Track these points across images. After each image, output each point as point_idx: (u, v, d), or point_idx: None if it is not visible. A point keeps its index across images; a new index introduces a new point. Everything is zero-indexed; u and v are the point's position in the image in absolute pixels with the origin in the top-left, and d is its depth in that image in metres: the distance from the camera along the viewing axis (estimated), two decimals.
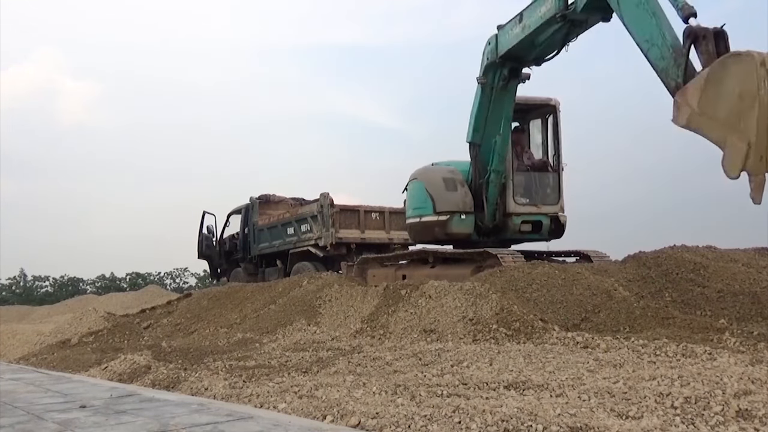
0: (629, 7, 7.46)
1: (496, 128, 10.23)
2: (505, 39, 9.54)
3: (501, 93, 10.05)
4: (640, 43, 7.37)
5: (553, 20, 8.54)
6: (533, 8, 8.94)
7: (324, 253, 15.26)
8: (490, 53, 9.86)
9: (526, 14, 9.06)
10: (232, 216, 19.27)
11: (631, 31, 7.48)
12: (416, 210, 10.91)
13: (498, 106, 10.16)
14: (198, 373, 5.94)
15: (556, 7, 8.43)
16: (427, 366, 5.48)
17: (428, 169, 11.17)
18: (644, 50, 7.30)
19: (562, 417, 3.44)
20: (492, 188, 10.34)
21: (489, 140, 10.31)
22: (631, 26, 7.49)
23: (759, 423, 3.31)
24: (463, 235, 10.49)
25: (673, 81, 6.86)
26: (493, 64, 9.85)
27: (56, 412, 4.38)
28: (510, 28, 9.42)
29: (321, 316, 8.99)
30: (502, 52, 9.58)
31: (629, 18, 7.47)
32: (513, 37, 9.34)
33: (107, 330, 11.06)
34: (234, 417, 3.95)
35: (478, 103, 10.25)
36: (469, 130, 10.48)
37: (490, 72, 9.99)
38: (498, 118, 10.20)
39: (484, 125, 10.30)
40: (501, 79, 9.91)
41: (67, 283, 48.76)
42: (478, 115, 10.30)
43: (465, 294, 7.70)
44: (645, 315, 6.98)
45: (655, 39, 7.19)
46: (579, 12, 8.24)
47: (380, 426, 3.57)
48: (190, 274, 49.57)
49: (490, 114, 10.22)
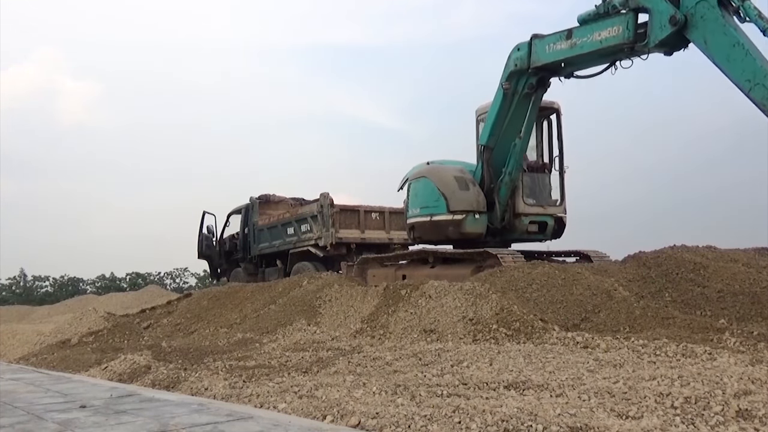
0: (722, 48, 7.25)
1: (513, 133, 10.13)
2: (544, 51, 9.22)
3: (524, 100, 9.86)
4: (739, 83, 7.19)
5: (617, 48, 8.32)
6: (590, 29, 8.60)
7: (324, 253, 15.26)
8: (519, 60, 9.55)
9: (579, 33, 8.73)
10: (232, 216, 19.27)
11: (727, 72, 7.27)
12: (425, 209, 10.77)
13: (519, 113, 10.00)
14: (198, 373, 5.94)
15: (624, 37, 8.16)
16: (427, 366, 5.49)
17: (437, 168, 11.04)
18: (745, 90, 7.12)
19: (562, 417, 3.44)
20: (504, 190, 10.31)
21: (504, 144, 10.20)
22: (726, 67, 7.27)
23: (759, 423, 3.31)
24: (476, 234, 10.44)
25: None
26: (521, 72, 9.59)
27: (56, 412, 4.38)
28: (552, 41, 9.10)
29: (321, 316, 8.99)
30: (538, 63, 9.31)
31: (722, 58, 7.27)
32: (556, 52, 9.05)
33: (107, 330, 11.06)
34: (234, 417, 3.95)
35: (498, 108, 10.02)
36: (485, 133, 10.34)
37: (515, 78, 9.73)
38: (517, 123, 10.07)
39: (501, 130, 10.14)
40: (527, 87, 9.69)
41: (67, 283, 48.72)
42: (496, 120, 10.09)
43: (465, 294, 7.70)
44: (645, 315, 6.98)
45: (758, 78, 7.02)
46: (650, 47, 8.04)
47: (380, 426, 3.57)
48: (190, 274, 49.54)
49: (509, 119, 10.05)
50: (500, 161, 10.37)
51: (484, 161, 10.43)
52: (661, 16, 7.84)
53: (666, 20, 7.77)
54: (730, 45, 7.25)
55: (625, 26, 8.19)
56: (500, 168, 10.37)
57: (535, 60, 9.36)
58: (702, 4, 7.50)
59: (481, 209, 10.37)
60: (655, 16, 7.93)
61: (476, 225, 10.35)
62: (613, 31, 8.31)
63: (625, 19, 8.22)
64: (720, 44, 7.36)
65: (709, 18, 7.46)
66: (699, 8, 7.53)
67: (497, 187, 10.34)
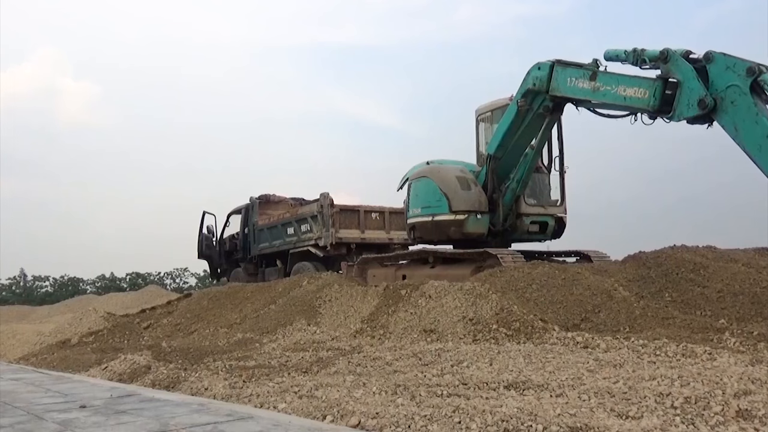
0: (754, 137, 6.96)
1: (523, 146, 10.07)
2: (565, 84, 8.96)
3: (537, 118, 9.68)
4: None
5: (640, 110, 8.12)
6: (615, 81, 8.31)
7: (324, 253, 15.25)
8: (538, 81, 9.26)
9: (604, 80, 8.44)
10: (232, 216, 19.26)
11: (758, 161, 7.03)
12: (427, 209, 10.75)
13: (531, 129, 9.87)
14: (198, 373, 5.94)
15: (649, 103, 7.89)
16: (427, 366, 5.48)
17: (438, 168, 11.02)
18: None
19: (562, 417, 3.44)
20: (510, 195, 10.31)
21: (512, 156, 10.15)
22: (757, 157, 6.99)
23: (759, 423, 3.31)
24: (478, 234, 10.43)
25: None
26: (538, 92, 9.35)
27: (56, 412, 4.38)
28: (575, 76, 8.82)
29: (321, 316, 8.99)
30: (557, 93, 9.07)
31: (754, 148, 7.01)
32: (578, 89, 8.81)
33: (107, 330, 11.07)
34: (234, 417, 3.95)
35: (510, 122, 9.86)
36: (493, 143, 10.26)
37: (531, 96, 9.48)
38: (528, 137, 9.98)
39: (510, 143, 10.03)
40: (542, 108, 9.49)
41: (67, 283, 48.72)
42: (507, 133, 9.95)
43: (465, 294, 7.69)
44: (645, 315, 6.98)
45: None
46: (673, 119, 7.77)
47: (380, 426, 3.57)
48: (190, 274, 49.55)
49: (519, 134, 9.91)
50: (506, 170, 10.35)
51: (488, 169, 10.37)
52: (690, 94, 7.52)
53: (695, 101, 7.45)
54: (763, 135, 6.92)
55: (652, 93, 7.90)
56: (505, 175, 10.35)
57: (555, 88, 9.09)
58: (733, 89, 7.15)
59: (483, 209, 10.36)
60: (684, 92, 7.61)
61: (478, 225, 10.35)
62: (639, 93, 8.03)
63: (654, 86, 7.92)
64: (752, 133, 7.03)
65: (741, 105, 7.11)
66: (730, 93, 7.18)
67: (503, 193, 10.33)
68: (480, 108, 11.10)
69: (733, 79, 7.14)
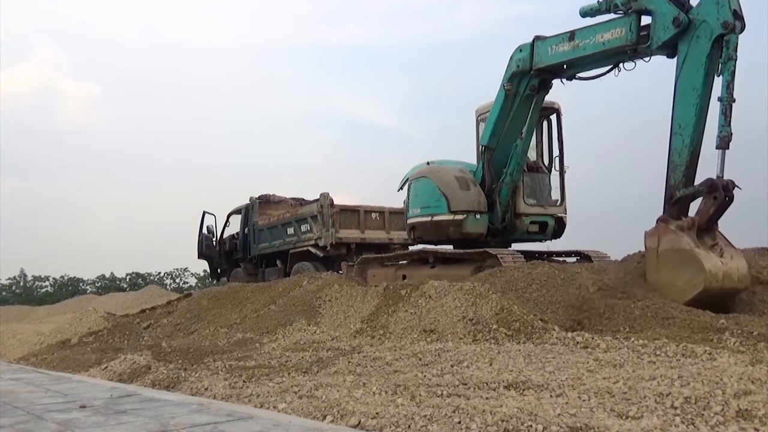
0: (688, 79, 7.31)
1: (514, 134, 10.14)
2: (546, 53, 9.20)
3: (525, 101, 9.86)
4: (673, 120, 7.32)
5: (619, 49, 8.29)
6: (592, 31, 8.57)
7: (324, 253, 15.27)
8: (521, 62, 9.53)
9: (582, 35, 8.70)
10: (232, 216, 19.28)
11: (674, 101, 7.33)
12: (426, 209, 10.78)
13: (520, 114, 10.00)
14: (198, 373, 5.94)
15: (627, 38, 8.12)
16: (427, 366, 5.48)
17: (437, 168, 11.04)
18: (671, 132, 7.20)
19: (562, 417, 3.44)
20: (505, 190, 10.33)
21: (505, 145, 10.21)
22: (677, 97, 7.34)
23: (759, 423, 3.31)
24: (477, 234, 10.45)
25: (672, 183, 7.28)
26: (523, 73, 9.58)
27: (56, 412, 4.38)
28: (554, 43, 9.09)
29: (321, 316, 8.99)
30: (540, 65, 9.29)
31: (682, 87, 7.35)
32: (558, 53, 9.04)
33: (107, 330, 11.06)
34: (234, 417, 3.95)
35: (499, 109, 10.03)
36: (486, 134, 10.35)
37: (517, 79, 9.72)
38: (519, 124, 10.09)
39: (502, 131, 10.14)
40: (529, 88, 9.68)
41: (67, 283, 48.66)
42: (497, 120, 10.10)
43: (465, 294, 7.69)
44: (645, 315, 6.98)
45: (685, 130, 7.15)
46: (653, 48, 7.98)
47: (380, 426, 3.57)
48: (190, 274, 49.44)
49: (510, 120, 10.05)
50: (501, 162, 10.37)
51: (485, 162, 10.43)
52: (664, 17, 7.81)
53: (669, 22, 7.73)
54: (692, 86, 7.28)
55: (628, 28, 8.16)
56: (501, 168, 10.38)
57: (538, 62, 9.32)
58: (705, 26, 7.40)
59: (482, 209, 10.37)
60: (659, 18, 7.89)
61: (477, 225, 10.36)
62: (616, 33, 8.27)
63: (628, 20, 8.19)
64: (689, 74, 7.36)
65: (699, 46, 7.42)
66: (701, 27, 7.43)
67: (498, 188, 10.34)
68: (480, 108, 11.10)
69: (712, 16, 7.34)
